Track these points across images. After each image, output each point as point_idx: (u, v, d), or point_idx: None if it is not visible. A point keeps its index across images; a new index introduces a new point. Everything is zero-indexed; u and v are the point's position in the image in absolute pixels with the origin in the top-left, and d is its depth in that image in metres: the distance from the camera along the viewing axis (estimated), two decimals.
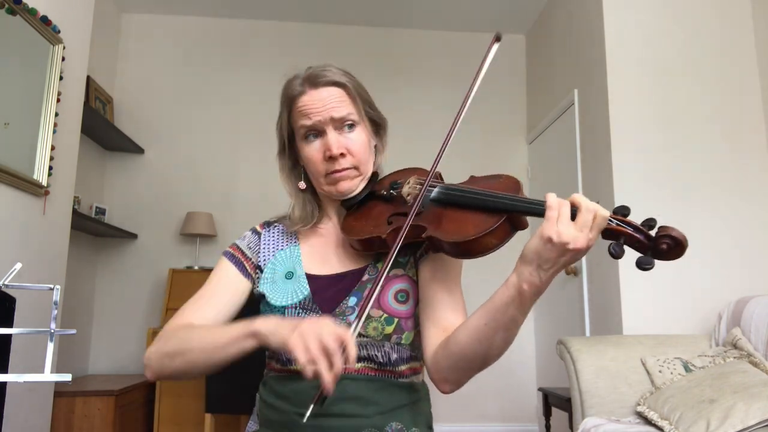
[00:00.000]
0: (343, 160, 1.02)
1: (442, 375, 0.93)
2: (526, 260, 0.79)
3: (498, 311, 0.83)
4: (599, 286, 2.91)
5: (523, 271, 0.80)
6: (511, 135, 4.17)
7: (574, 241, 0.75)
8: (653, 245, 0.75)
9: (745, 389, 1.85)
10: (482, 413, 3.80)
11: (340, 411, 0.94)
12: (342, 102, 1.03)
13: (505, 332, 0.84)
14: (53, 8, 2.37)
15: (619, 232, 0.76)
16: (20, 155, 2.21)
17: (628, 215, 0.77)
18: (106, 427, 2.79)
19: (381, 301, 0.99)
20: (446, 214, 0.92)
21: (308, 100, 1.02)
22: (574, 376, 2.25)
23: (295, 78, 1.06)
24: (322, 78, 1.03)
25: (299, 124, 1.04)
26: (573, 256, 0.76)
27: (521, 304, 0.81)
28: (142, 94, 3.97)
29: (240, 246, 1.13)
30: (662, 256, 0.75)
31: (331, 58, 4.68)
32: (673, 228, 0.74)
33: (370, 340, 0.98)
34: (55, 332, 0.64)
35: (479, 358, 0.88)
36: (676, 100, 2.87)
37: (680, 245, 0.73)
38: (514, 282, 0.81)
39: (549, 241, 0.76)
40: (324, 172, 1.04)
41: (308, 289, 1.03)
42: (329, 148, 1.01)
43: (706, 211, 2.78)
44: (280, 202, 1.20)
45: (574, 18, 3.37)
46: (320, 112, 1.01)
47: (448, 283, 1.00)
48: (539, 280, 0.79)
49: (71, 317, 3.30)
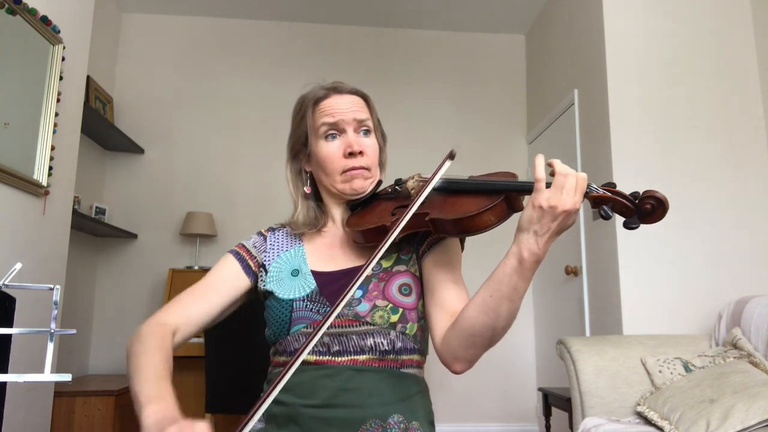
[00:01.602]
0: (361, 158, 1.09)
1: (453, 354, 0.97)
2: (523, 228, 0.87)
3: (501, 282, 0.89)
4: (599, 286, 2.91)
5: (521, 239, 0.87)
6: (511, 135, 4.17)
7: (561, 204, 0.84)
8: (638, 208, 0.84)
9: (745, 389, 1.85)
10: (482, 413, 3.80)
11: (344, 402, 0.97)
12: (363, 108, 1.13)
13: (510, 303, 0.90)
14: (53, 8, 2.37)
15: (608, 198, 0.86)
16: (20, 155, 2.21)
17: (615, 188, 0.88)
18: (106, 427, 2.79)
19: (386, 292, 1.04)
20: (448, 199, 0.99)
21: (333, 102, 1.11)
22: (574, 376, 2.25)
23: (316, 87, 1.15)
24: (346, 87, 1.14)
25: (321, 122, 1.10)
26: (564, 218, 0.85)
27: (522, 271, 0.88)
28: (142, 94, 3.97)
29: (246, 245, 1.18)
30: (647, 217, 0.84)
31: (331, 58, 4.68)
32: (655, 191, 0.84)
33: (377, 328, 1.01)
34: (55, 332, 0.64)
35: (488, 330, 0.92)
36: (676, 100, 2.87)
37: (662, 205, 0.83)
38: (514, 251, 0.88)
39: (540, 207, 0.85)
40: (341, 169, 1.09)
41: (315, 284, 1.07)
42: (350, 144, 1.08)
43: (706, 211, 2.78)
44: (280, 202, 1.21)
45: (574, 18, 3.37)
46: (344, 113, 1.10)
47: (451, 270, 1.06)
48: (537, 247, 0.86)
49: (71, 317, 3.30)
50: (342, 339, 1.01)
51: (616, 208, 0.86)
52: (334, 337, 1.01)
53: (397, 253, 1.10)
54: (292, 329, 1.04)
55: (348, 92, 1.13)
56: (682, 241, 2.74)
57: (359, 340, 1.01)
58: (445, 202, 0.99)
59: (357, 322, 1.01)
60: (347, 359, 1.00)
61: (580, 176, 0.86)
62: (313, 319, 1.03)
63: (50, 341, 0.64)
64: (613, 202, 0.86)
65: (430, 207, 0.98)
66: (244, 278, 1.12)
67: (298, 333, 1.04)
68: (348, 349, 1.01)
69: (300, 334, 1.04)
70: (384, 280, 1.05)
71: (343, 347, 1.01)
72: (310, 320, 1.03)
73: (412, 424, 0.99)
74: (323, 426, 0.96)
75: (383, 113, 1.22)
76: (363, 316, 1.01)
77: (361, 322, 1.01)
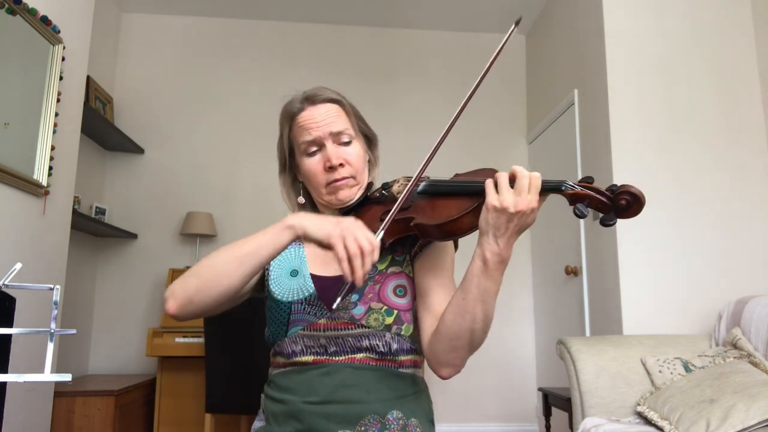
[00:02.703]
0: (342, 169, 1.10)
1: (437, 359, 0.99)
2: (482, 231, 0.89)
3: (471, 283, 0.91)
4: (599, 286, 2.91)
5: (482, 241, 0.89)
6: (511, 134, 4.17)
7: (514, 205, 0.85)
8: (614, 204, 0.84)
9: (745, 389, 1.85)
10: (482, 413, 3.80)
11: (344, 397, 0.98)
12: (339, 117, 1.12)
13: (483, 304, 0.92)
14: (53, 8, 2.37)
15: (584, 195, 0.85)
16: (20, 155, 2.21)
17: (593, 183, 0.87)
18: (106, 427, 2.79)
19: (381, 294, 1.05)
20: (432, 203, 1.00)
21: (308, 116, 1.11)
22: (574, 376, 2.25)
23: (293, 99, 1.15)
24: (320, 96, 1.13)
25: (300, 140, 1.12)
26: (520, 219, 0.86)
27: (488, 272, 0.90)
28: (142, 94, 3.97)
29: None
30: (623, 212, 0.83)
31: (331, 58, 4.68)
32: (631, 185, 0.83)
33: (372, 330, 1.02)
34: (55, 332, 0.64)
35: (465, 332, 0.94)
36: (676, 100, 2.87)
37: (638, 200, 0.82)
38: (478, 253, 0.90)
39: (494, 209, 0.86)
40: (325, 183, 1.11)
41: (313, 287, 1.08)
42: (329, 159, 1.09)
43: (706, 211, 2.78)
44: (280, 202, 1.22)
45: (574, 18, 3.37)
46: (320, 127, 1.10)
47: (441, 274, 1.06)
48: (498, 247, 0.88)
49: (71, 317, 3.30)
50: (338, 341, 1.02)
51: (592, 204, 0.85)
52: (330, 339, 1.03)
53: (392, 255, 1.10)
54: (289, 331, 1.05)
55: (322, 101, 1.12)
56: (682, 241, 2.74)
57: (355, 342, 1.02)
58: (428, 206, 0.99)
59: (352, 325, 1.02)
60: (345, 358, 1.02)
61: (533, 176, 0.87)
62: (310, 322, 1.04)
63: (50, 341, 0.64)
64: (589, 199, 0.85)
65: (414, 212, 0.99)
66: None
67: (296, 335, 1.05)
68: (345, 349, 1.02)
69: (298, 336, 1.05)
70: (379, 282, 1.06)
71: (340, 348, 1.02)
72: (308, 322, 1.04)
73: (411, 420, 1.00)
74: (323, 421, 0.97)
75: (383, 113, 1.22)
76: (358, 319, 1.02)
77: (357, 325, 1.02)
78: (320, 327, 1.03)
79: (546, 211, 3.74)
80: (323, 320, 1.04)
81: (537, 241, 3.90)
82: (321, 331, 1.03)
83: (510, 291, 3.91)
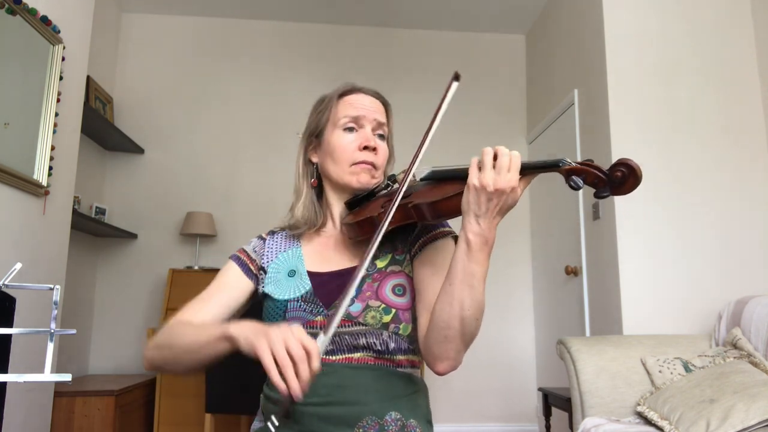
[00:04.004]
0: (374, 155, 1.13)
1: (431, 351, 0.97)
2: (464, 211, 0.89)
3: (456, 267, 0.91)
4: (599, 286, 2.91)
5: (465, 223, 0.89)
6: (511, 135, 4.17)
7: (494, 183, 0.85)
8: (609, 177, 0.84)
9: (745, 389, 1.85)
10: (482, 413, 3.80)
11: (342, 399, 0.98)
12: (384, 114, 1.18)
13: (470, 288, 0.90)
14: (53, 8, 2.37)
15: (580, 170, 0.86)
16: (20, 155, 2.21)
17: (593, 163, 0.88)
18: (106, 427, 2.79)
19: (379, 293, 1.04)
20: (431, 187, 1.02)
21: (360, 98, 1.16)
22: (574, 376, 2.25)
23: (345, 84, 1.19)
24: (373, 91, 1.19)
25: (343, 113, 1.13)
26: (500, 198, 0.86)
27: (472, 254, 0.89)
28: (142, 94, 3.97)
29: (246, 249, 1.20)
30: (619, 186, 0.84)
31: (331, 57, 4.68)
32: (628, 159, 0.84)
33: (369, 329, 1.01)
34: (55, 332, 0.64)
35: (455, 320, 0.92)
36: (675, 100, 2.87)
37: (633, 173, 0.83)
38: (462, 235, 0.90)
39: (474, 188, 0.86)
40: (352, 161, 1.11)
41: (310, 285, 1.08)
42: (368, 139, 1.12)
43: (706, 211, 2.78)
44: (280, 202, 1.22)
45: (574, 18, 3.37)
46: (368, 110, 1.14)
47: (440, 272, 1.04)
48: (479, 228, 0.88)
49: (71, 317, 3.30)
50: (335, 339, 1.02)
51: (588, 179, 0.86)
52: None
53: (392, 254, 1.10)
54: None
55: (374, 95, 1.18)
56: (682, 241, 2.74)
57: (352, 340, 1.01)
58: (428, 189, 1.01)
59: (350, 323, 1.02)
60: (342, 357, 1.01)
61: (513, 154, 0.87)
62: (307, 320, 1.04)
63: (50, 341, 0.64)
64: (586, 174, 0.86)
65: (415, 196, 1.00)
66: (247, 281, 1.14)
67: None
68: (342, 348, 1.02)
69: None
70: (378, 280, 1.06)
71: (337, 346, 1.02)
72: (304, 320, 1.04)
73: (409, 421, 1.00)
74: (321, 423, 0.97)
75: None
76: (355, 316, 1.02)
77: (354, 323, 1.01)
78: (317, 325, 1.03)
79: (546, 210, 3.75)
80: (320, 318, 1.04)
81: (537, 241, 3.90)
82: (318, 329, 1.03)
83: (510, 291, 3.91)
